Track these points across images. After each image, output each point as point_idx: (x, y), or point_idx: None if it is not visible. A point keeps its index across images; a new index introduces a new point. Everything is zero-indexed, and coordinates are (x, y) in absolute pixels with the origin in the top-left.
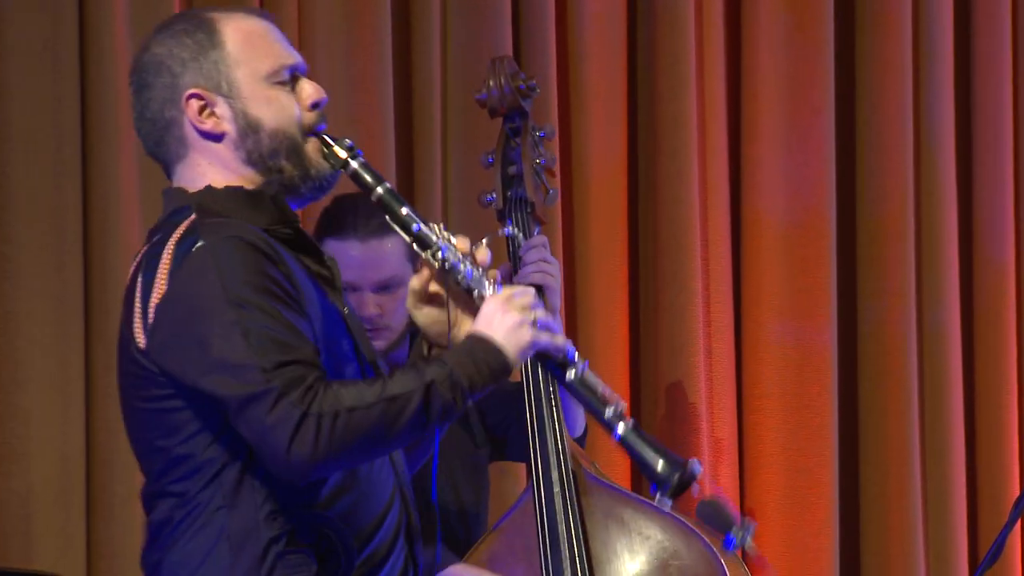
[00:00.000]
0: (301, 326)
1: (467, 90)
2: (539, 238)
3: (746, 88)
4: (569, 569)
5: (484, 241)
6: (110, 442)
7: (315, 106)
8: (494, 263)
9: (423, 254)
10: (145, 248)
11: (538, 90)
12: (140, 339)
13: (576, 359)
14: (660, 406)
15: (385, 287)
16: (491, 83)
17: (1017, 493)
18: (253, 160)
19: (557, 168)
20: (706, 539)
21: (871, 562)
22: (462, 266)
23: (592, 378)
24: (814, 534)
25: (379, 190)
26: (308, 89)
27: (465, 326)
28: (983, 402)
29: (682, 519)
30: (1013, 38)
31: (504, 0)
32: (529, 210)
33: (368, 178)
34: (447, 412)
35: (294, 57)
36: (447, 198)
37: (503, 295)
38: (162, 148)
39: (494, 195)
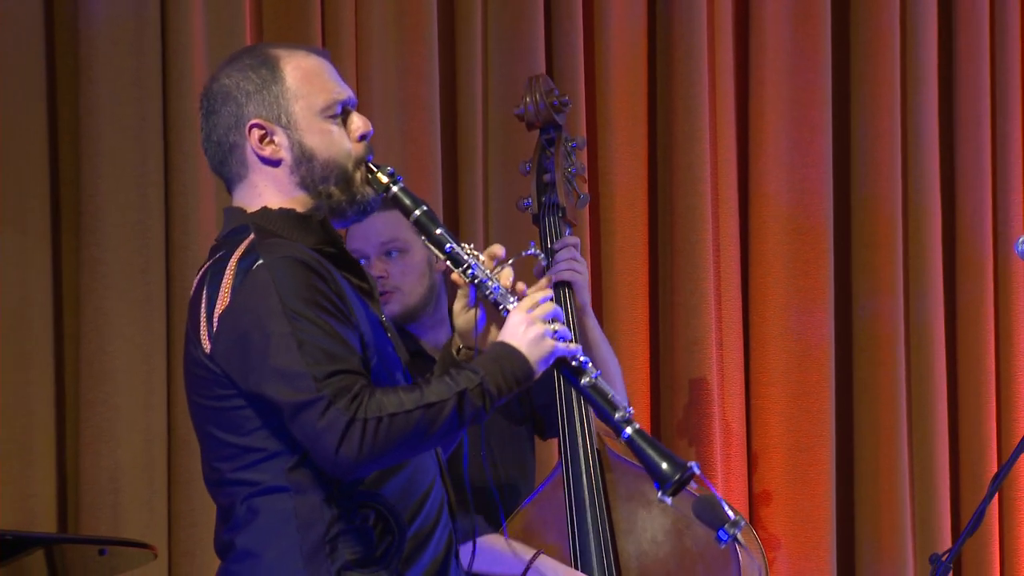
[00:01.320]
0: (349, 337)
1: (506, 108)
2: (571, 238)
3: (753, 108)
4: (594, 537)
5: (510, 262)
6: (188, 425)
7: (363, 138)
8: (526, 278)
9: (455, 271)
10: (209, 263)
11: (570, 105)
12: (206, 345)
13: (590, 367)
14: (677, 393)
15: (388, 251)
16: (527, 99)
17: (995, 470)
18: (306, 185)
19: (585, 177)
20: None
21: (864, 530)
22: (490, 282)
23: (604, 385)
24: (814, 506)
25: (417, 212)
26: (357, 122)
27: (493, 333)
28: (964, 388)
29: (695, 493)
30: (991, 62)
31: (538, 30)
32: (561, 214)
33: (407, 201)
34: (477, 416)
35: (346, 92)
36: (487, 204)
37: (525, 308)
38: (225, 168)
39: (530, 200)
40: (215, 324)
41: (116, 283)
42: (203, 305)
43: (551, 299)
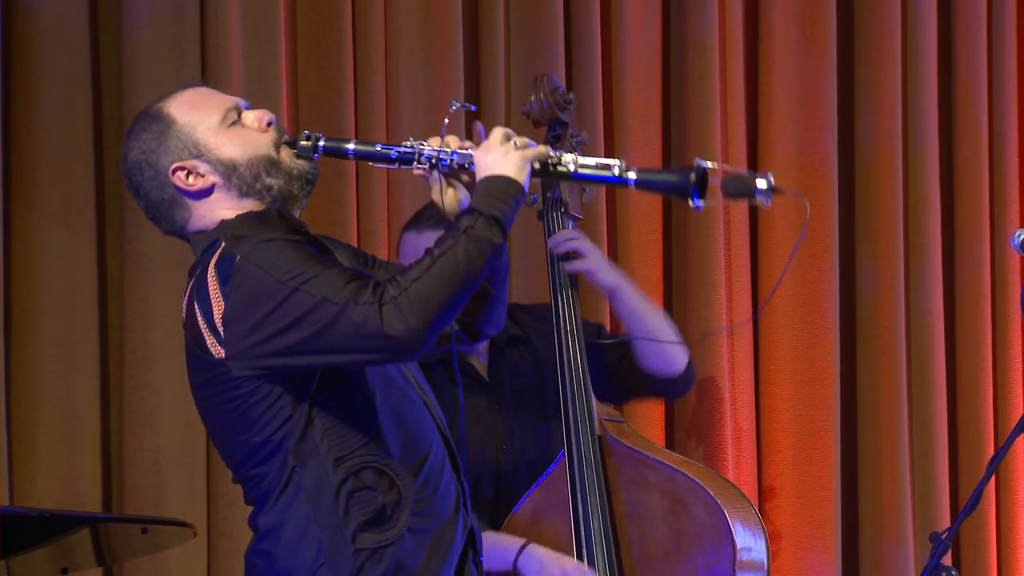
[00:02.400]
0: (340, 265)
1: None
2: (568, 231)
3: (762, 108)
4: (595, 521)
5: (446, 121)
6: None
7: (268, 124)
8: (535, 273)
9: (415, 168)
10: (191, 282)
11: (574, 102)
12: (218, 351)
13: (564, 155)
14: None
15: None
16: (533, 98)
17: (992, 452)
18: (245, 192)
19: None
20: (711, 493)
21: (867, 511)
22: (444, 154)
23: (588, 158)
24: (820, 487)
25: (349, 147)
26: (253, 116)
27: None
28: (963, 375)
29: (690, 476)
30: (988, 67)
31: (558, 36)
32: (563, 209)
33: (336, 146)
34: (494, 244)
35: (232, 99)
36: None
37: (483, 148)
38: (176, 222)
39: (536, 195)
40: (220, 330)
41: (157, 275)
42: (199, 319)
43: (502, 130)
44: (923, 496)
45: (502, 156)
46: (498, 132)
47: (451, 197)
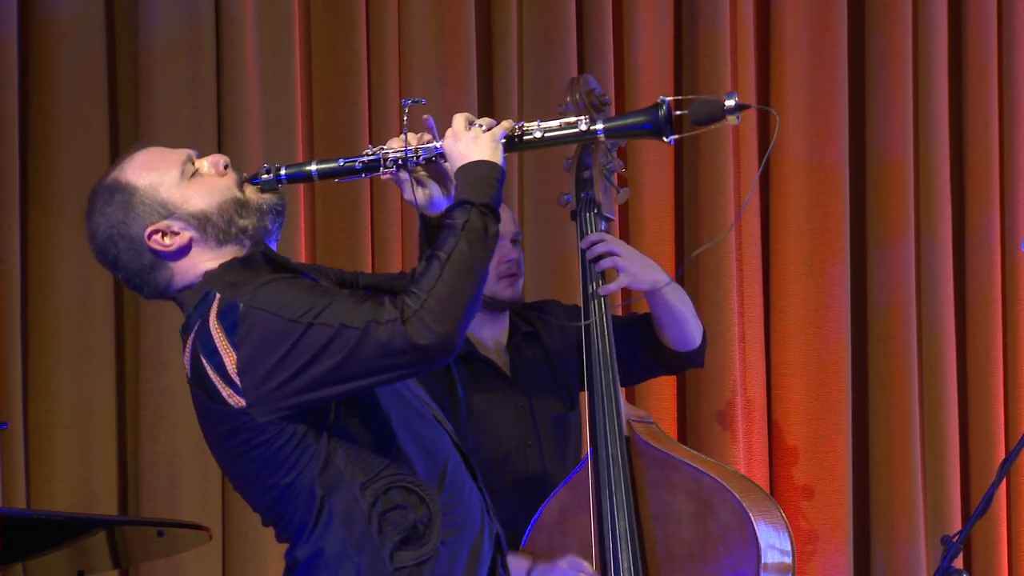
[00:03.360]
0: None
1: (539, 114)
2: (594, 235)
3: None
4: (621, 521)
5: (406, 112)
6: None
7: (225, 167)
8: (561, 279)
9: (383, 174)
10: (190, 337)
11: (610, 103)
12: (237, 402)
13: (526, 124)
14: (702, 384)
15: (514, 239)
16: (568, 99)
17: (1003, 456)
18: (223, 240)
19: (626, 174)
20: (737, 495)
21: (879, 513)
22: (412, 153)
23: (552, 122)
24: (832, 490)
25: (311, 169)
26: (208, 163)
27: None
28: (974, 379)
29: (716, 478)
30: (999, 72)
31: (570, 44)
32: (596, 210)
33: (299, 171)
34: (491, 231)
35: (183, 151)
36: (523, 202)
37: (448, 137)
38: (159, 285)
39: (570, 196)
40: (237, 380)
41: None
42: (211, 373)
43: (464, 116)
44: (935, 499)
45: (473, 141)
46: (461, 118)
47: (422, 194)
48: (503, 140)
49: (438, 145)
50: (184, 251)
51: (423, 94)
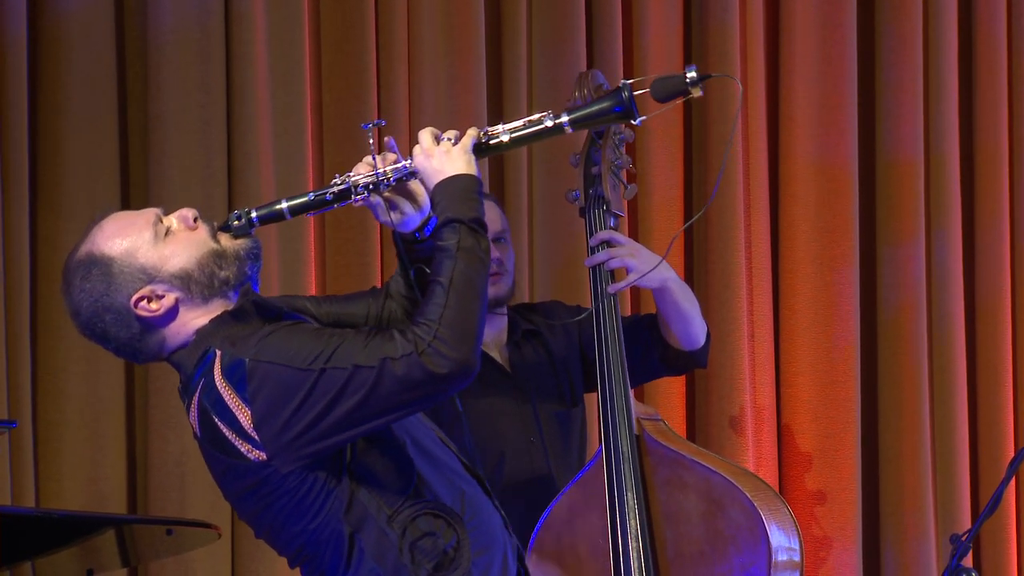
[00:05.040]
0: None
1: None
2: (603, 233)
3: (783, 112)
4: (632, 519)
5: (371, 140)
6: None
7: (195, 220)
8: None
9: (355, 201)
10: (195, 398)
11: None
12: (258, 456)
13: (497, 127)
14: (711, 382)
15: (497, 238)
16: (577, 94)
17: (1012, 455)
18: (208, 295)
19: (634, 170)
20: (747, 495)
21: (888, 511)
22: (383, 176)
23: (516, 122)
24: (841, 489)
25: (282, 207)
26: (176, 219)
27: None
28: (983, 378)
29: (727, 477)
30: (1008, 70)
31: (580, 42)
32: (606, 207)
33: (270, 211)
34: (483, 247)
35: (150, 212)
36: (532, 201)
37: (417, 154)
38: (151, 351)
39: (579, 192)
40: (254, 434)
41: None
42: (225, 431)
43: (428, 130)
44: (944, 498)
45: (446, 156)
46: (427, 134)
47: (395, 214)
48: (471, 149)
49: (406, 164)
50: (172, 313)
51: (432, 92)
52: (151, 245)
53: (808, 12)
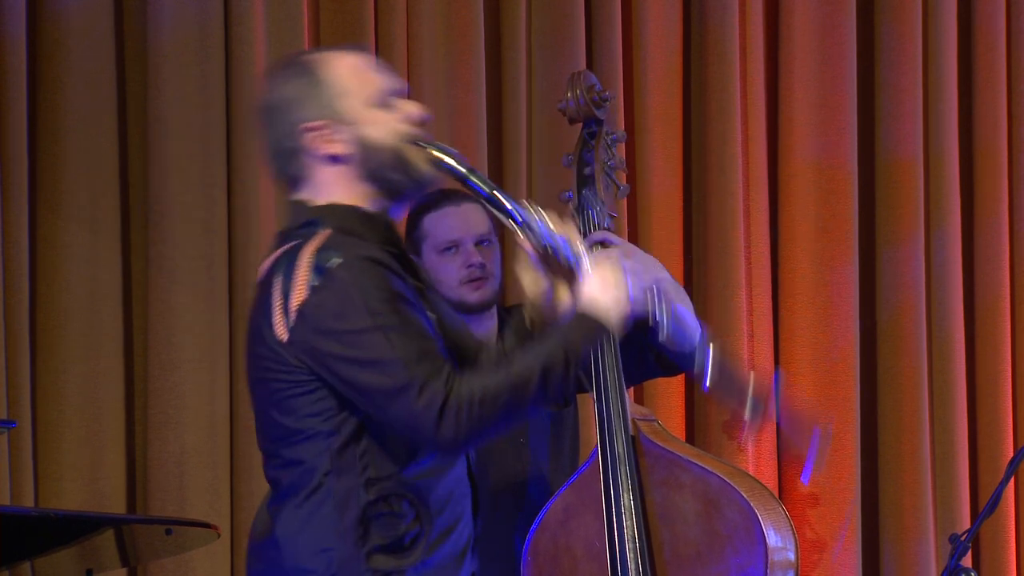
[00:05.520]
0: (428, 325)
1: (549, 113)
2: (597, 233)
3: (783, 111)
4: (629, 519)
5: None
6: (249, 412)
7: (414, 121)
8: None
9: (527, 239)
10: (281, 251)
11: (611, 99)
12: (281, 333)
13: (664, 320)
14: None
15: (481, 241)
16: (569, 94)
17: (1011, 455)
18: (366, 176)
19: (624, 179)
20: (744, 495)
21: (888, 511)
22: (569, 248)
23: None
24: (840, 489)
25: (472, 179)
26: (409, 107)
27: (565, 294)
28: (983, 378)
29: (723, 477)
30: (1007, 70)
31: (579, 42)
32: (598, 208)
33: (463, 169)
34: (563, 384)
35: (391, 81)
36: (531, 199)
37: (601, 275)
38: (289, 174)
39: (571, 193)
40: (292, 315)
41: (182, 278)
42: (276, 293)
43: (620, 258)
44: (943, 497)
45: (613, 301)
46: (619, 273)
47: (537, 281)
48: (634, 317)
49: (578, 259)
50: (328, 161)
51: (431, 93)
52: (365, 102)
53: (807, 12)
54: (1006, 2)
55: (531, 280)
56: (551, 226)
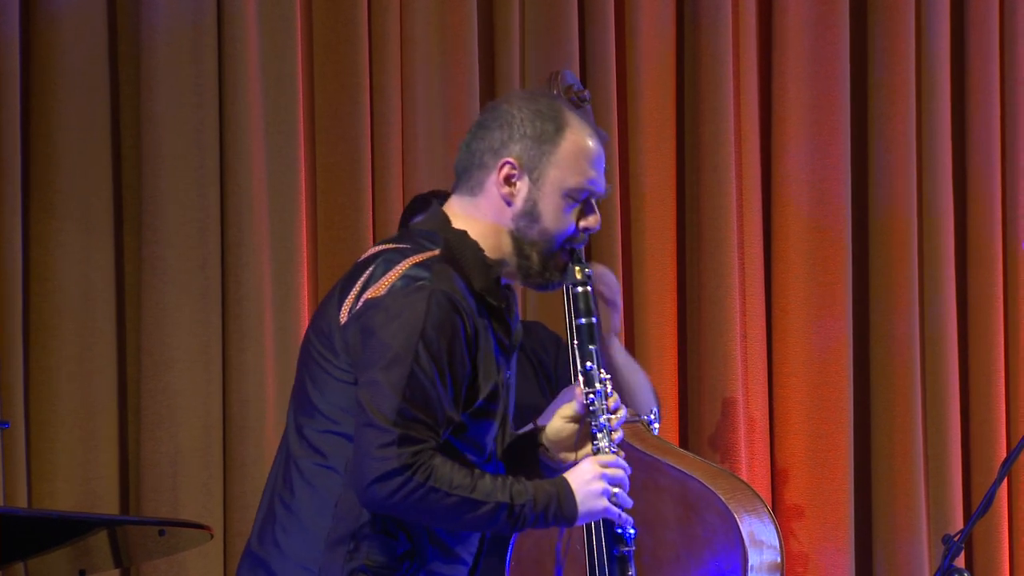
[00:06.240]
0: (450, 393)
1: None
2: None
3: (776, 112)
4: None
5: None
6: (243, 412)
7: (586, 231)
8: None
9: (581, 387)
10: (390, 247)
11: (589, 99)
12: (343, 316)
13: (631, 542)
14: (703, 383)
15: None
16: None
17: (1004, 456)
18: (515, 237)
19: (616, 178)
20: (723, 499)
21: (881, 512)
22: (601, 417)
23: (630, 564)
24: (833, 489)
25: (583, 320)
26: (591, 218)
27: (572, 456)
28: (975, 378)
29: (702, 482)
30: (1000, 70)
31: (572, 41)
32: None
33: (582, 305)
34: (502, 530)
35: (600, 185)
36: None
37: (602, 461)
38: (465, 175)
39: None
40: (360, 304)
41: (175, 278)
42: (363, 280)
43: (624, 466)
44: (936, 498)
45: (596, 491)
46: (616, 472)
47: (566, 428)
48: (604, 518)
49: (602, 447)
50: (496, 197)
51: (425, 93)
52: (566, 186)
53: (801, 12)
54: (999, 1)
55: (561, 424)
56: (605, 402)
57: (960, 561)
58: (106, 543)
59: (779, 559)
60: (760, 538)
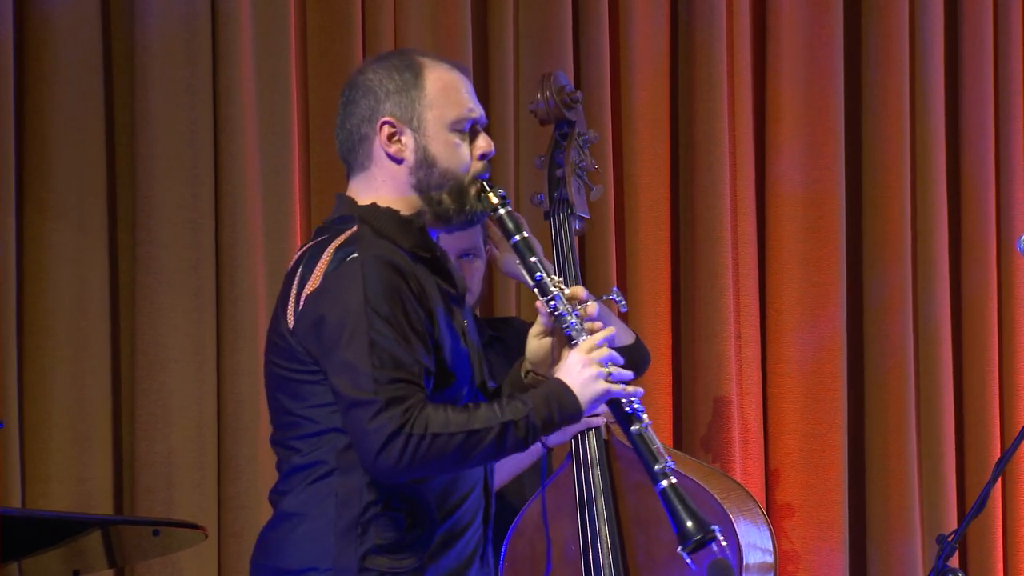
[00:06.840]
0: (418, 346)
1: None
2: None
3: (770, 113)
4: (603, 522)
5: (591, 300)
6: (237, 413)
7: (483, 157)
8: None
9: (540, 300)
10: (311, 244)
11: (581, 100)
12: (290, 320)
13: (643, 415)
14: (698, 382)
15: (464, 254)
16: (539, 96)
17: (998, 455)
18: (420, 188)
19: (610, 178)
20: (717, 498)
21: (875, 512)
22: (568, 317)
23: (651, 434)
24: (827, 489)
25: (517, 238)
26: (482, 142)
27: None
28: (969, 378)
29: (696, 481)
30: (994, 70)
31: (566, 40)
32: (570, 211)
33: (510, 225)
34: (518, 446)
35: (478, 111)
36: (519, 202)
37: (585, 348)
38: (352, 155)
39: (543, 196)
40: (301, 303)
41: (169, 278)
42: (295, 282)
43: (611, 340)
44: (930, 498)
45: (590, 376)
46: (603, 351)
47: (542, 344)
48: (609, 398)
49: (576, 339)
50: (389, 160)
51: None
52: (446, 121)
53: (794, 11)
54: (993, 2)
55: (537, 343)
56: (566, 300)
57: (954, 561)
58: (100, 543)
59: (772, 560)
60: (754, 538)
